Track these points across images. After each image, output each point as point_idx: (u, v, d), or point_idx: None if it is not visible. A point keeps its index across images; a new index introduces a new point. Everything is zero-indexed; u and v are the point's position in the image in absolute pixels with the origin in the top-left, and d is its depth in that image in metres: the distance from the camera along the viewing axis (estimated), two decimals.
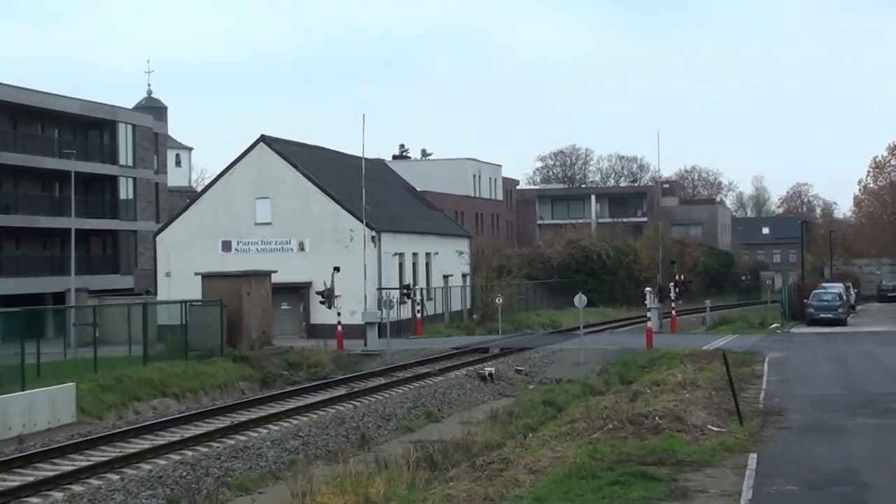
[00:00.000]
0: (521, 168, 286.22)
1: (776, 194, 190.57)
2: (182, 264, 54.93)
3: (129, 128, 71.84)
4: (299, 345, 47.53)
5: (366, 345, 47.96)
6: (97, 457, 24.71)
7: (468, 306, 68.58)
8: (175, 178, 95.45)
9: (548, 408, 31.01)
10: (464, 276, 69.97)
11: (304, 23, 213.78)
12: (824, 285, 68.24)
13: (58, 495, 21.18)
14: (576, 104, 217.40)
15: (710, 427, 21.72)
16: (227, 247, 57.01)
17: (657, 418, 21.92)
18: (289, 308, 55.86)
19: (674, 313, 58.55)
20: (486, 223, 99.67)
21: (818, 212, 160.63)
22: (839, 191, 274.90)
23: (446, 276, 66.78)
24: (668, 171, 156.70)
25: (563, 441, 21.16)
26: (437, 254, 65.81)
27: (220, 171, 60.38)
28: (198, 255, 54.74)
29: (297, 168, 57.31)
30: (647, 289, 54.46)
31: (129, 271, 69.27)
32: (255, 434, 27.82)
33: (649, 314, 50.50)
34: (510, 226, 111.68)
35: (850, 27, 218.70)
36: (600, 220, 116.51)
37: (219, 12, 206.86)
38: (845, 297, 64.46)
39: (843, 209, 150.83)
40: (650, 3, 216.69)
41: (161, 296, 55.17)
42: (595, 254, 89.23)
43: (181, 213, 60.21)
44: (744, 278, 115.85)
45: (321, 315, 53.43)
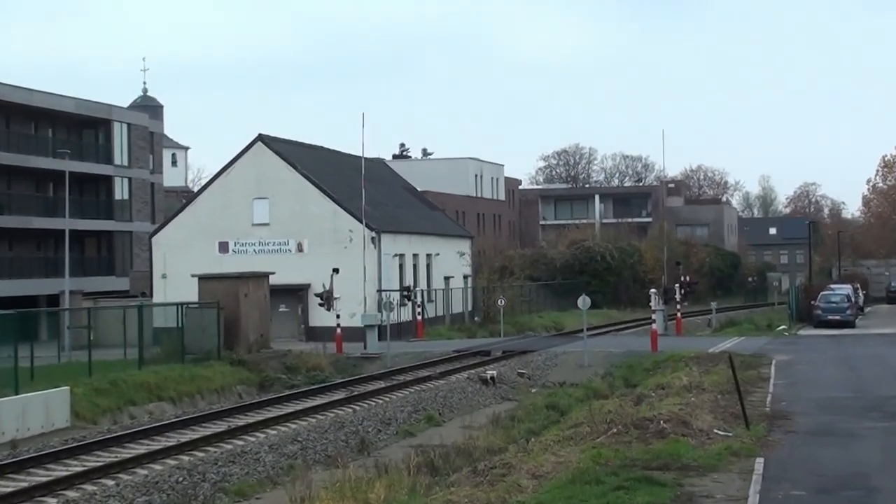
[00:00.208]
0: (524, 167, 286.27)
1: (783, 194, 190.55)
2: (178, 266, 55.01)
3: (125, 127, 71.88)
4: (298, 348, 47.58)
5: (365, 348, 48.01)
6: (92, 462, 24.73)
7: (470, 308, 68.60)
8: (171, 178, 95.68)
9: (551, 412, 31.05)
10: (465, 277, 69.99)
11: (303, 19, 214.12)
12: (832, 287, 68.22)
13: (52, 501, 21.20)
14: (579, 102, 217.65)
15: (716, 431, 21.73)
16: (224, 248, 57.07)
17: (662, 422, 21.93)
18: (287, 310, 55.90)
19: (679, 315, 58.55)
20: (487, 224, 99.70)
21: (826, 212, 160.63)
22: (847, 190, 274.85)
23: (447, 278, 66.81)
24: (673, 170, 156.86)
25: (566, 446, 21.17)
26: (437, 255, 65.85)
27: (217, 170, 60.52)
28: (194, 257, 54.80)
29: (295, 168, 57.35)
30: (652, 290, 54.41)
31: (124, 273, 69.30)
32: (252, 438, 27.85)
33: (654, 316, 50.51)
34: (512, 226, 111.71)
35: (859, 25, 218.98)
36: (604, 221, 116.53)
37: (216, 9, 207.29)
38: (854, 299, 64.43)
39: (852, 209, 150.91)
40: (655, 0, 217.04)
41: (157, 298, 55.22)
42: (599, 255, 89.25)
43: (177, 213, 60.25)
44: (750, 279, 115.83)
45: (320, 317, 53.45)
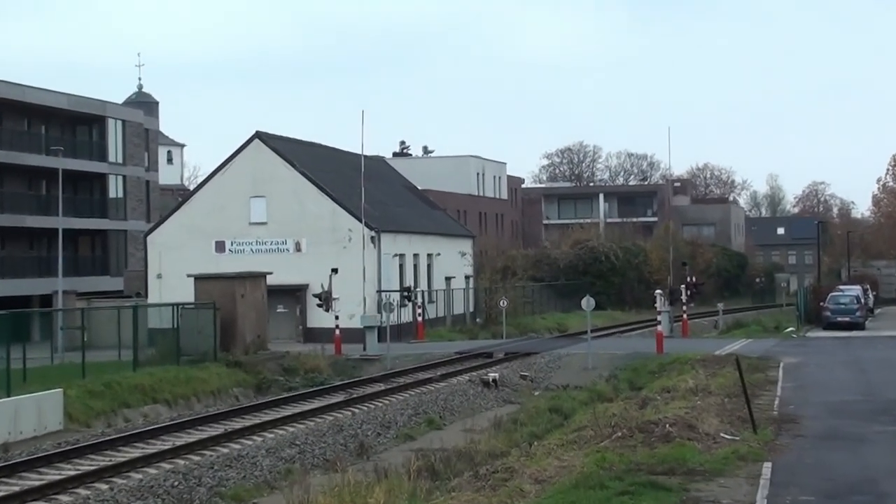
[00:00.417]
0: (527, 166, 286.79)
1: (791, 193, 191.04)
2: (174, 265, 55.02)
3: (119, 124, 71.89)
4: (296, 349, 47.60)
5: (365, 349, 48.01)
6: (85, 466, 24.74)
7: (471, 309, 68.60)
8: (167, 175, 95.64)
9: (554, 415, 31.06)
10: (467, 277, 70.00)
11: (302, 15, 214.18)
12: (841, 288, 68.27)
13: None
14: (583, 99, 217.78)
15: (722, 435, 21.73)
16: (220, 247, 57.07)
17: (668, 426, 21.94)
18: (285, 311, 55.91)
19: (685, 317, 58.54)
20: (489, 223, 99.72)
21: (835, 211, 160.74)
22: (857, 189, 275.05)
23: (448, 278, 66.82)
24: (679, 168, 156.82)
25: (569, 450, 21.18)
26: (438, 255, 65.85)
27: (213, 168, 60.57)
28: (190, 256, 54.79)
29: (293, 166, 57.35)
30: (658, 291, 54.43)
31: (118, 273, 69.32)
32: (249, 442, 27.86)
33: (660, 318, 50.53)
34: (515, 226, 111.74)
35: (868, 22, 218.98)
36: (609, 220, 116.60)
37: (213, 4, 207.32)
38: (863, 300, 64.48)
39: (862, 208, 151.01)
40: None
41: (152, 298, 55.23)
42: (603, 255, 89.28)
43: (173, 212, 60.28)
44: (758, 280, 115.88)
45: (318, 318, 53.45)
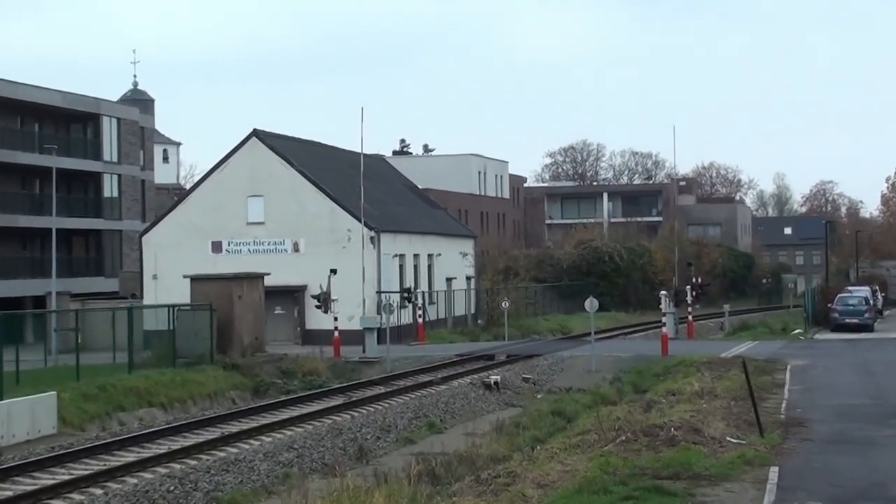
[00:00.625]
0: (529, 164, 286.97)
1: (799, 192, 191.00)
2: (169, 266, 55.03)
3: (114, 121, 71.93)
4: (294, 352, 47.60)
5: (364, 351, 48.01)
6: (79, 470, 24.75)
7: (472, 311, 68.63)
8: (162, 174, 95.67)
9: (557, 418, 31.06)
10: (468, 278, 70.02)
11: (300, 11, 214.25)
12: (850, 289, 68.33)
13: None
14: (587, 97, 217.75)
15: (728, 439, 21.74)
16: (217, 248, 57.08)
17: (673, 430, 21.96)
18: (283, 313, 55.93)
19: (690, 318, 58.57)
20: (491, 223, 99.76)
21: (843, 211, 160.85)
22: (866, 189, 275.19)
23: (449, 279, 66.83)
24: (684, 167, 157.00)
25: (573, 454, 21.19)
26: (439, 255, 65.87)
27: (210, 167, 60.50)
28: (186, 257, 54.81)
29: (291, 164, 57.37)
30: (663, 292, 54.43)
31: (113, 273, 69.32)
32: (246, 446, 27.86)
33: (664, 319, 50.53)
34: (517, 225, 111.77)
35: (876, 19, 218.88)
36: (613, 220, 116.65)
37: (210, 0, 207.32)
38: (872, 302, 64.55)
39: (870, 208, 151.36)
40: None
41: (147, 299, 55.22)
42: (607, 255, 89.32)
43: (169, 212, 60.28)
44: (765, 281, 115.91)
45: (317, 320, 53.48)
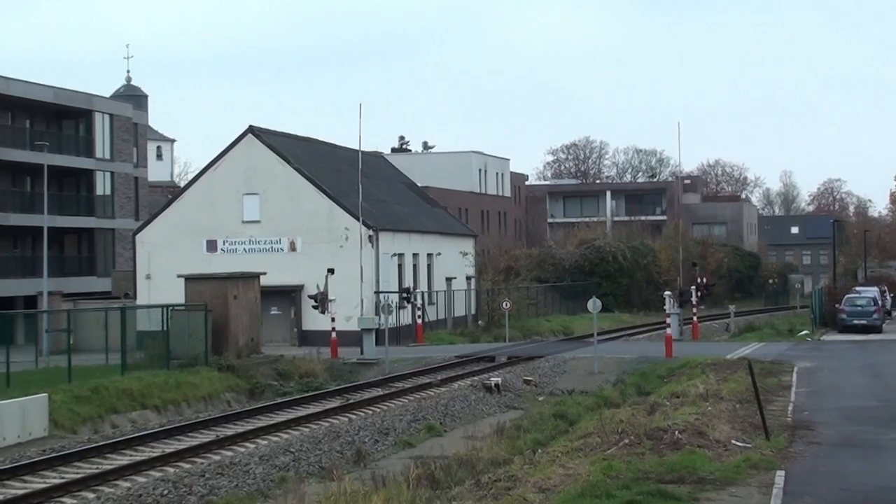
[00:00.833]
0: (531, 162, 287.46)
1: (806, 191, 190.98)
2: (163, 266, 55.02)
3: (107, 118, 71.88)
4: (290, 353, 47.61)
5: (362, 353, 48.00)
6: (71, 474, 24.75)
7: (473, 311, 68.62)
8: (156, 172, 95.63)
9: (559, 421, 31.06)
10: (468, 278, 70.00)
11: (297, 5, 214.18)
12: (858, 289, 68.29)
13: None
14: (589, 93, 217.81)
15: (734, 442, 21.74)
16: (212, 247, 57.06)
17: (677, 433, 21.94)
18: (279, 313, 55.91)
19: (695, 319, 58.57)
20: (492, 221, 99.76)
21: (851, 210, 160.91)
22: (874, 187, 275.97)
23: (449, 279, 66.82)
24: (689, 165, 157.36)
25: (575, 457, 21.18)
26: (439, 254, 65.86)
27: (205, 164, 60.55)
28: (180, 256, 54.79)
29: (288, 162, 57.34)
30: (667, 293, 54.49)
31: (106, 273, 69.27)
32: (241, 449, 27.86)
33: (669, 320, 50.60)
34: (518, 224, 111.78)
35: (883, 16, 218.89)
36: (616, 219, 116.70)
37: None
38: (880, 302, 64.49)
39: (879, 207, 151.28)
40: None
41: (141, 300, 55.21)
42: (610, 255, 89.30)
43: (162, 210, 60.24)
44: (771, 281, 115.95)
45: (314, 321, 53.45)
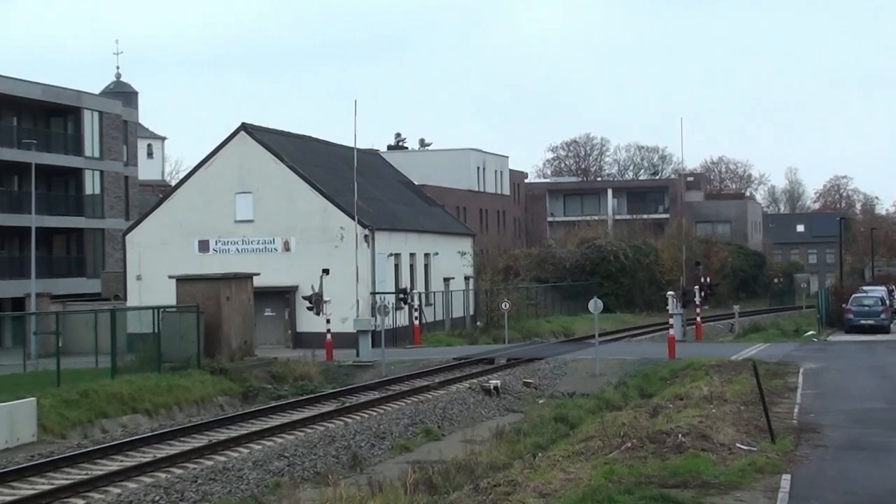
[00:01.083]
0: (530, 159, 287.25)
1: (812, 188, 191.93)
2: (154, 266, 55.01)
3: (96, 115, 71.88)
4: (284, 355, 47.62)
5: (358, 355, 47.99)
6: (60, 480, 24.74)
7: (471, 312, 68.61)
8: (146, 170, 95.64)
9: (559, 424, 31.08)
10: (466, 278, 70.01)
11: (291, 1, 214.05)
12: (865, 289, 68.39)
13: None
14: (590, 89, 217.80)
15: (738, 445, 21.73)
16: (204, 247, 57.05)
17: (680, 436, 21.94)
18: (273, 315, 55.92)
19: (699, 320, 58.60)
20: (491, 220, 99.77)
21: (858, 207, 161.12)
22: (881, 184, 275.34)
23: (447, 279, 66.82)
24: (692, 162, 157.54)
25: (576, 461, 21.17)
26: (436, 254, 65.86)
27: (196, 163, 60.57)
28: (172, 257, 54.82)
29: (281, 160, 57.35)
30: (670, 293, 54.46)
31: (95, 274, 69.26)
32: (235, 454, 27.86)
33: (671, 321, 50.53)
34: (518, 223, 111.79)
35: (890, 9, 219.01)
36: (617, 217, 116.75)
37: None
38: (888, 302, 64.56)
39: (886, 204, 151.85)
40: None
41: (131, 301, 55.22)
42: (612, 254, 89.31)
43: (153, 209, 60.23)
44: (776, 281, 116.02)
45: (308, 322, 53.44)
